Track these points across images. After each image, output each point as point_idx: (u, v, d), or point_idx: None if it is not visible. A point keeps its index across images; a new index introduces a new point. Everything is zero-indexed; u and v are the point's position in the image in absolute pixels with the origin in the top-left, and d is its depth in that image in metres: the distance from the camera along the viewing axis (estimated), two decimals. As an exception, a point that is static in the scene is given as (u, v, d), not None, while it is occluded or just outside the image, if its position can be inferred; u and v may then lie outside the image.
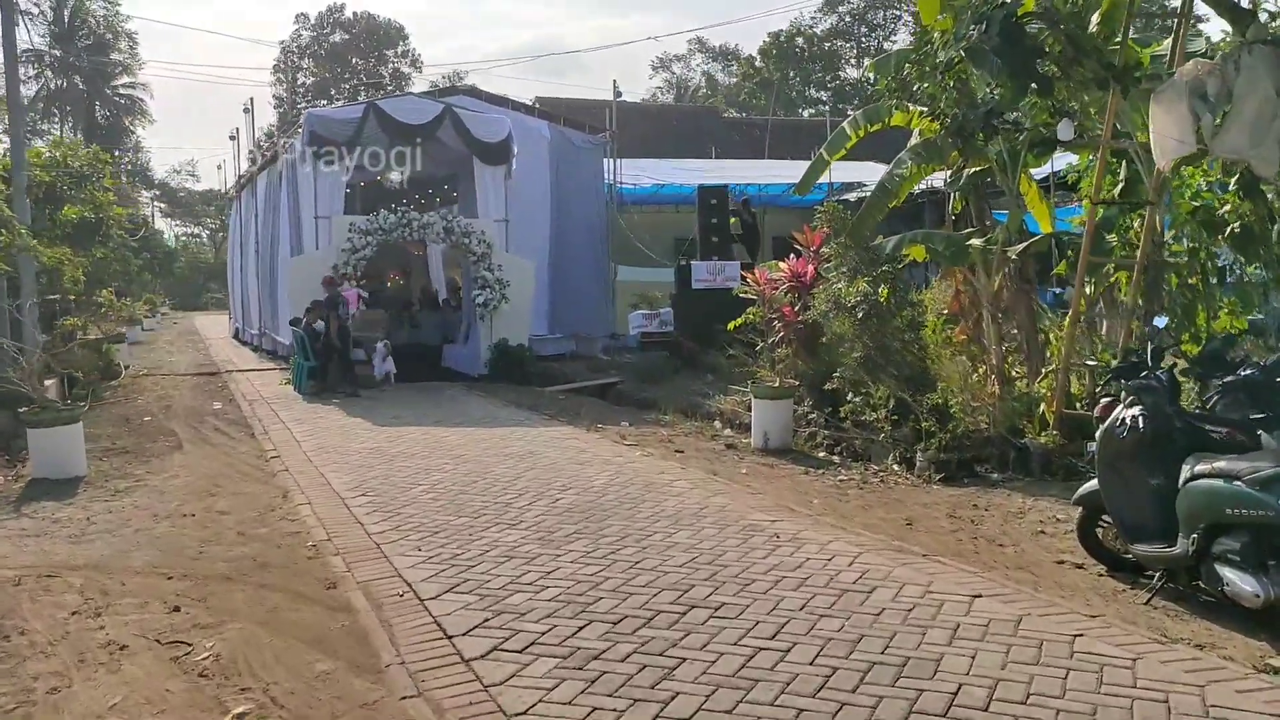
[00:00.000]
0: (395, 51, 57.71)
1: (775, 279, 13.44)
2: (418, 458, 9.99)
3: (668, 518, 7.39)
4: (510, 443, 10.89)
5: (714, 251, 20.09)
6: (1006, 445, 9.71)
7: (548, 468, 9.41)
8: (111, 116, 75.80)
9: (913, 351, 11.13)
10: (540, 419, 12.96)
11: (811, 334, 12.72)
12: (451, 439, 11.16)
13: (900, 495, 8.66)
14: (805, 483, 9.25)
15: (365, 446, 10.71)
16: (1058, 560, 6.51)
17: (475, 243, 18.30)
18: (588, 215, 23.19)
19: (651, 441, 11.43)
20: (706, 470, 9.56)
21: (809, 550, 6.45)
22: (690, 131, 39.19)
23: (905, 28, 75.06)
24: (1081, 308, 11.66)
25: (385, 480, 8.90)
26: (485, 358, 18.39)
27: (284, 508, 8.13)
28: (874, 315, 10.85)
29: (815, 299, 11.61)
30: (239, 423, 13.13)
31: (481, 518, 7.46)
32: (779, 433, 11.04)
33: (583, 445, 10.78)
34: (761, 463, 10.34)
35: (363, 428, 12.13)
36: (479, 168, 19.12)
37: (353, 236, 17.51)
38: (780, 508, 7.80)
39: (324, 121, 17.99)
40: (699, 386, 17.27)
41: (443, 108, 18.81)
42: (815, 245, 13.24)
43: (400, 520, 7.40)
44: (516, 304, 18.57)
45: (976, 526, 7.44)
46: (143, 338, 36.31)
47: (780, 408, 11.07)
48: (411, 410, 13.63)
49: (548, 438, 11.30)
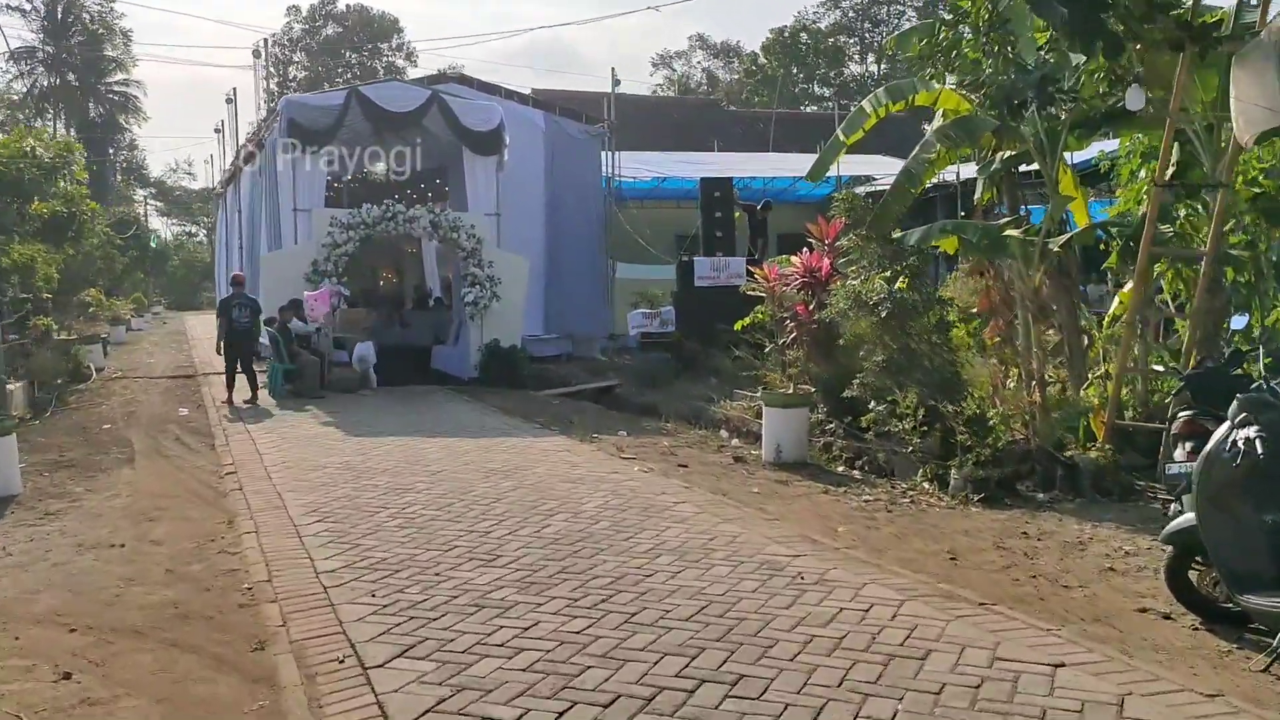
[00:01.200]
0: (389, 45, 56.61)
1: (786, 275, 12.35)
2: (390, 474, 8.90)
3: (670, 552, 6.30)
4: (495, 456, 9.80)
5: (718, 247, 19.00)
6: (1051, 461, 8.63)
7: (535, 486, 8.32)
8: (105, 114, 74.76)
9: (941, 354, 10.04)
10: (531, 428, 11.87)
11: (827, 335, 11.63)
12: (430, 451, 10.07)
13: (936, 520, 7.57)
14: (826, 504, 8.15)
15: (334, 460, 9.62)
16: (1139, 608, 5.42)
17: (464, 238, 17.20)
18: (585, 210, 22.11)
19: (652, 454, 10.34)
20: (713, 489, 8.47)
21: (841, 597, 5.36)
22: (692, 125, 38.09)
23: (909, 23, 74.15)
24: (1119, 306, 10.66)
25: (349, 502, 7.81)
26: (475, 360, 17.31)
27: (227, 537, 7.05)
28: (899, 314, 9.76)
29: (833, 297, 10.52)
30: (202, 432, 12.05)
31: (453, 550, 6.37)
32: (793, 444, 9.96)
33: (576, 459, 9.70)
34: (774, 479, 9.25)
35: (334, 438, 11.04)
36: (469, 158, 18.05)
37: (333, 231, 16.43)
38: (801, 538, 6.71)
39: (303, 109, 16.90)
40: (702, 390, 16.18)
41: (430, 94, 17.74)
42: (830, 238, 12.14)
43: (358, 554, 6.31)
44: (509, 303, 17.49)
45: (1032, 562, 6.35)
46: (127, 338, 35.23)
47: (794, 417, 9.98)
48: (391, 418, 12.54)
49: (537, 450, 10.21)
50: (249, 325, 14.74)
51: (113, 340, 34.30)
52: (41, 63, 72.34)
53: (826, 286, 11.77)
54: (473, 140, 17.84)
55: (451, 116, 17.61)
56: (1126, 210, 10.64)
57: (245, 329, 14.68)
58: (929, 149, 9.20)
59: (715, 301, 17.99)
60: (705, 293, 18.42)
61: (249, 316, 14.83)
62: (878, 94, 10.61)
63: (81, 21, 73.34)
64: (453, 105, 17.68)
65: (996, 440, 8.35)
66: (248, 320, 14.88)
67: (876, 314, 9.87)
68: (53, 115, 74.39)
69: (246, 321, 14.80)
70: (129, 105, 74.96)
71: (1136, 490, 8.36)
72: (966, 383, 9.98)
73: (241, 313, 14.78)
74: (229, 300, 15.15)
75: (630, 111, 32.33)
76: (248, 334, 14.72)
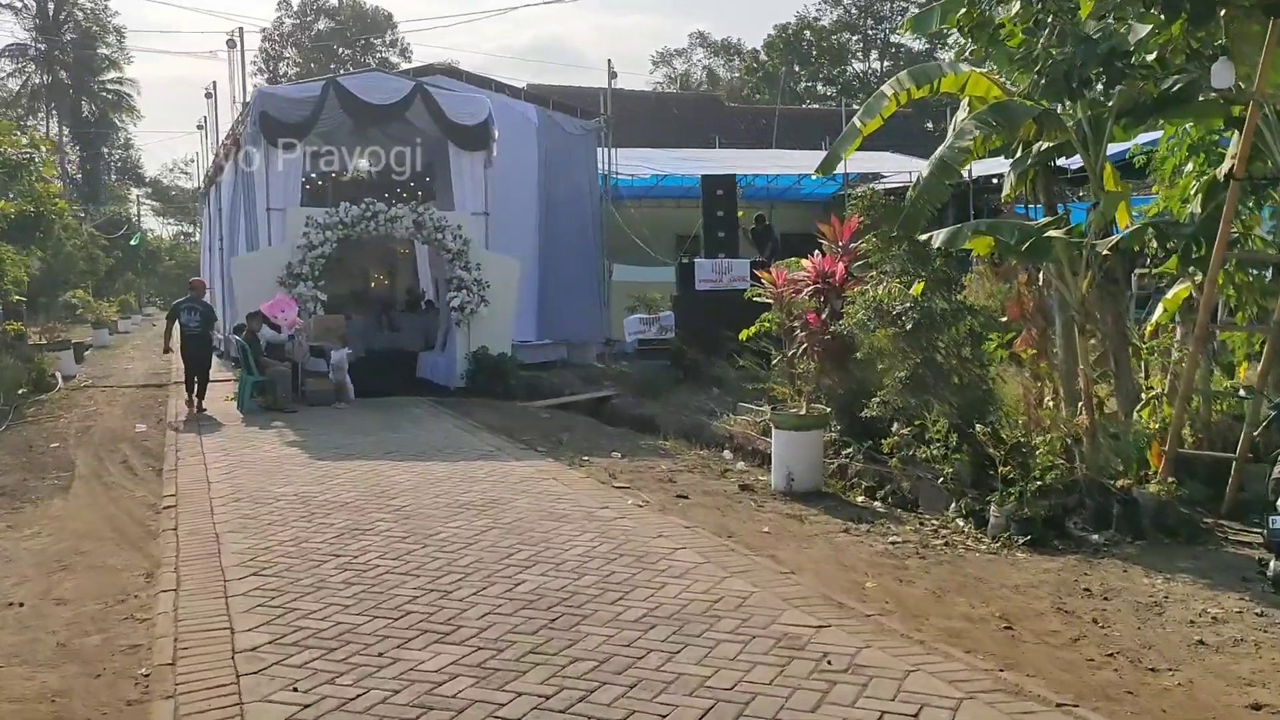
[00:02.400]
0: (383, 40, 55.40)
1: (796, 280, 11.26)
2: (349, 510, 7.81)
3: (667, 621, 5.21)
4: (472, 485, 8.71)
5: (720, 248, 17.90)
6: (1105, 495, 7.54)
7: (512, 527, 7.22)
8: (98, 112, 73.76)
9: (971, 370, 8.95)
10: (515, 448, 10.78)
11: (842, 346, 10.55)
12: (400, 479, 8.98)
13: (978, 569, 6.48)
14: (848, 547, 7.06)
15: (289, 491, 8.53)
16: (1251, 704, 4.33)
17: (450, 238, 16.12)
18: (580, 209, 21.01)
19: (648, 480, 9.25)
20: (717, 528, 7.37)
21: (881, 693, 4.27)
22: (692, 121, 36.98)
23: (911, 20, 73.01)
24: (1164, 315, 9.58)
25: (295, 548, 6.72)
26: (462, 369, 16.22)
27: (142, 596, 5.96)
28: (926, 325, 8.67)
29: (850, 306, 9.42)
30: (154, 453, 10.96)
31: (406, 618, 5.28)
32: (806, 471, 8.87)
33: (562, 488, 8.60)
34: (786, 512, 8.17)
35: (296, 462, 9.94)
36: (455, 154, 16.95)
37: (309, 231, 15.35)
38: (823, 599, 5.62)
39: (276, 101, 15.81)
40: (703, 402, 15.11)
41: (413, 85, 16.65)
42: (844, 239, 11.07)
43: (289, 623, 5.22)
44: (498, 307, 16.40)
45: (1104, 632, 5.25)
46: (111, 341, 34.15)
47: (808, 441, 8.89)
48: (363, 437, 11.44)
49: (520, 476, 9.12)
50: (198, 330, 14.20)
51: (96, 344, 33.34)
52: (33, 60, 71.38)
53: (841, 293, 10.70)
54: (459, 135, 16.75)
55: (436, 109, 16.52)
56: (1165, 209, 9.57)
57: (193, 334, 14.15)
58: (964, 137, 8.10)
59: (717, 306, 16.93)
60: (707, 297, 17.36)
61: (199, 321, 14.25)
62: (899, 78, 9.52)
63: (74, 19, 72.37)
64: (438, 97, 16.59)
65: (1045, 474, 7.25)
66: (197, 325, 14.30)
67: (900, 325, 8.78)
68: (45, 114, 73.46)
69: (196, 326, 14.23)
70: (122, 103, 74.00)
71: (1204, 529, 7.29)
72: (999, 402, 8.91)
73: (191, 316, 14.25)
74: (180, 304, 14.65)
75: (629, 107, 31.24)
76: (195, 340, 14.16)
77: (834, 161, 9.74)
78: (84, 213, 55.76)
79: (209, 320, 14.74)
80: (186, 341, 14.14)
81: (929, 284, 8.85)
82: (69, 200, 61.98)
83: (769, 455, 11.02)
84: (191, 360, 14.20)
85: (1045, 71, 6.97)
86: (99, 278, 40.97)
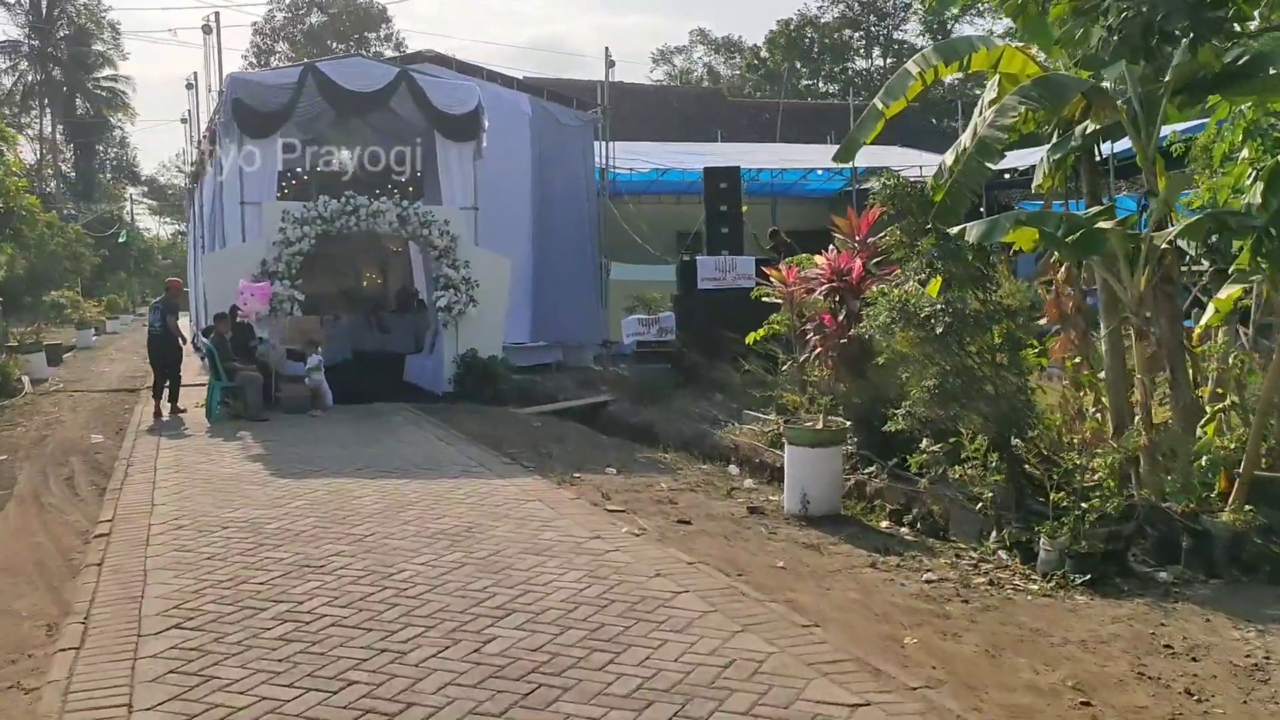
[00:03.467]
0: (377, 35, 54.32)
1: (809, 278, 10.28)
2: (302, 540, 6.83)
3: (666, 697, 4.23)
4: (447, 509, 7.73)
5: (723, 245, 16.90)
6: (1167, 523, 6.58)
7: (487, 563, 6.24)
8: (93, 110, 72.86)
9: (1009, 379, 7.97)
10: (499, 463, 9.79)
11: (860, 351, 9.58)
12: (366, 501, 7.99)
13: (1034, 616, 5.51)
14: (877, 587, 6.08)
15: (240, 516, 7.55)
16: None
17: (436, 234, 15.15)
18: (576, 204, 20.04)
19: (645, 502, 8.28)
20: (725, 562, 6.40)
21: (944, 811, 3.29)
22: (693, 115, 35.96)
23: (915, 16, 72.18)
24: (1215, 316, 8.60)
25: (230, 591, 5.74)
26: (450, 372, 15.24)
27: (39, 654, 4.99)
28: (959, 328, 7.68)
29: (871, 308, 8.42)
30: (103, 468, 9.99)
31: (345, 691, 4.31)
32: (824, 492, 7.88)
33: (548, 513, 7.62)
34: (802, 541, 7.20)
35: (255, 480, 8.96)
36: (442, 145, 15.97)
37: (286, 227, 14.38)
38: (855, 662, 4.63)
39: (250, 87, 14.81)
40: (705, 409, 14.14)
41: (397, 72, 15.68)
42: (862, 233, 10.09)
43: (201, 700, 4.24)
44: (488, 308, 15.42)
45: (1203, 708, 4.28)
46: (96, 342, 33.21)
47: (825, 459, 7.90)
48: (335, 449, 10.47)
49: (502, 498, 8.13)
50: (159, 330, 13.49)
51: (80, 345, 32.36)
52: (26, 57, 70.46)
53: (859, 292, 9.72)
54: (446, 124, 15.77)
55: (423, 98, 15.54)
56: (1208, 200, 8.60)
57: (155, 335, 13.55)
58: (1006, 114, 7.11)
59: (721, 306, 15.93)
60: (710, 296, 16.34)
61: (160, 320, 13.49)
62: (925, 54, 8.54)
63: (68, 14, 71.43)
64: (424, 85, 15.60)
65: (1104, 501, 6.27)
66: (158, 324, 13.57)
67: (928, 328, 7.79)
68: (39, 111, 72.54)
69: (158, 326, 13.53)
70: (116, 101, 73.07)
71: (1286, 562, 6.32)
72: (1039, 415, 7.94)
73: (155, 317, 13.65)
74: (152, 304, 14.28)
75: (628, 101, 30.26)
76: (155, 340, 13.55)
77: (853, 148, 8.74)
78: (75, 211, 54.92)
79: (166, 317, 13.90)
80: (149, 342, 13.68)
81: (961, 282, 7.86)
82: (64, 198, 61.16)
83: (778, 469, 10.07)
84: (156, 362, 13.61)
85: (1119, 26, 5.97)
86: (87, 277, 39.91)
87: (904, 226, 8.35)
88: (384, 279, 27.12)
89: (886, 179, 8.66)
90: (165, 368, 13.48)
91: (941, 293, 8.04)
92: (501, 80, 19.43)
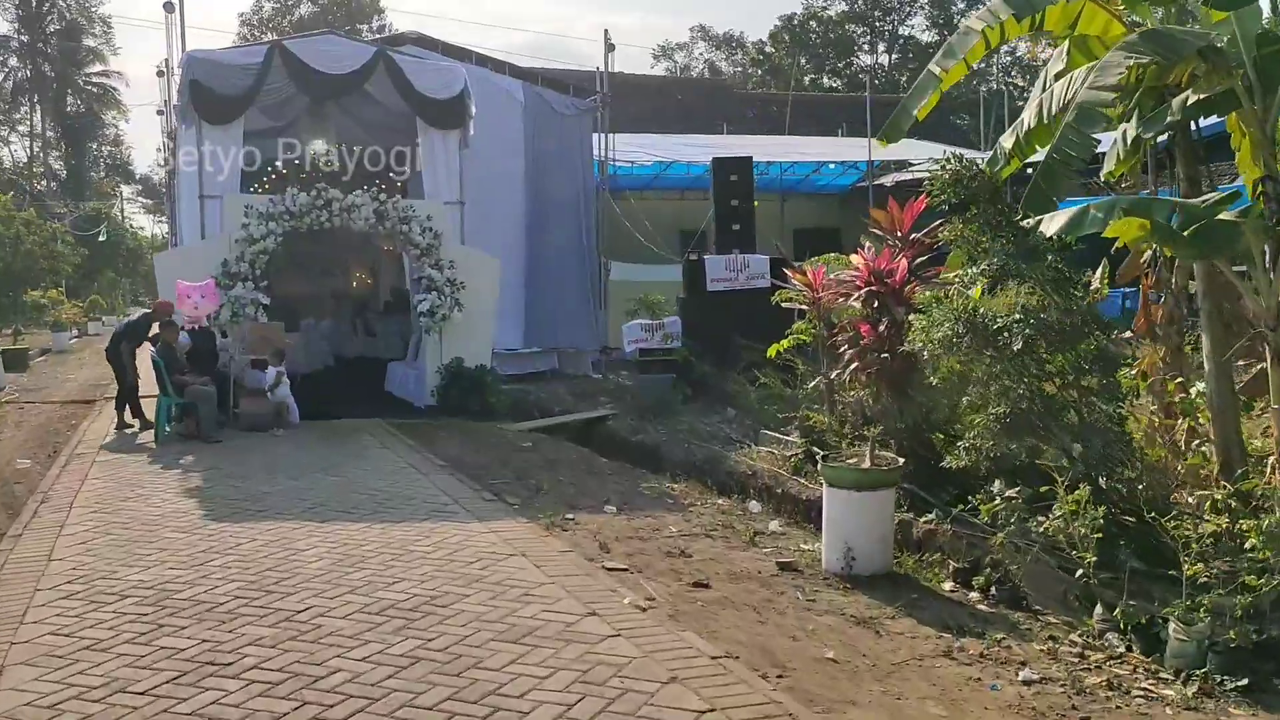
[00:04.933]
0: (369, 27, 52.61)
1: (842, 281, 8.78)
2: (216, 618, 5.34)
3: None
4: (407, 568, 6.24)
5: (734, 243, 15.41)
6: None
7: (446, 659, 4.74)
8: (83, 107, 71.48)
9: (1098, 407, 6.50)
10: (479, 499, 8.29)
11: (905, 367, 8.12)
12: (309, 558, 6.50)
13: (1186, 748, 4.03)
14: (962, 693, 4.60)
15: (147, 579, 6.06)
16: None
17: (417, 231, 13.68)
18: (573, 199, 18.56)
19: (653, 555, 6.79)
20: (757, 654, 4.91)
21: None
22: (697, 107, 34.49)
23: (921, 11, 70.79)
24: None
25: (98, 707, 4.25)
26: (433, 383, 13.77)
27: None
28: (1039, 345, 6.21)
29: (925, 317, 6.94)
30: (15, 504, 8.48)
31: None
32: (873, 547, 6.40)
33: (533, 575, 6.12)
34: (852, 614, 5.72)
35: (183, 524, 7.45)
36: (425, 133, 14.47)
37: (249, 223, 12.90)
38: None
39: (209, 68, 13.30)
40: (716, 425, 12.70)
41: (374, 52, 14.19)
42: (905, 229, 8.60)
43: None
44: (475, 312, 13.95)
45: None
46: (70, 346, 31.65)
47: (875, 505, 6.40)
48: (289, 480, 8.98)
49: (477, 551, 6.64)
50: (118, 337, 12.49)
51: (55, 349, 30.87)
52: (15, 53, 69.06)
53: (903, 298, 8.24)
54: (429, 110, 14.28)
55: (402, 80, 14.04)
56: None
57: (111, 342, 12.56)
58: (1110, 72, 5.64)
59: (731, 310, 14.54)
60: (719, 299, 14.90)
61: (114, 346, 12.40)
62: (993, 7, 7.06)
63: (58, 9, 70.03)
64: (404, 66, 14.11)
65: (1262, 576, 4.79)
66: (120, 331, 12.59)
67: (1001, 344, 6.32)
68: (28, 108, 71.16)
69: (118, 332, 12.59)
70: (108, 97, 71.68)
71: None
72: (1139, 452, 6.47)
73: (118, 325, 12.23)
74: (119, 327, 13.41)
75: (628, 94, 28.76)
76: (108, 350, 12.57)
77: (903, 122, 7.27)
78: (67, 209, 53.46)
79: (126, 326, 12.63)
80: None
81: (1040, 288, 6.38)
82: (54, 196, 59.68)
83: (805, 502, 8.65)
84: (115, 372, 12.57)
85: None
86: (71, 276, 38.41)
87: (968, 219, 6.87)
88: (374, 279, 25.59)
89: (945, 161, 7.16)
90: (117, 378, 12.41)
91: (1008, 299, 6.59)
92: (492, 65, 17.94)
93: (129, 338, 12.46)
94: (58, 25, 70.94)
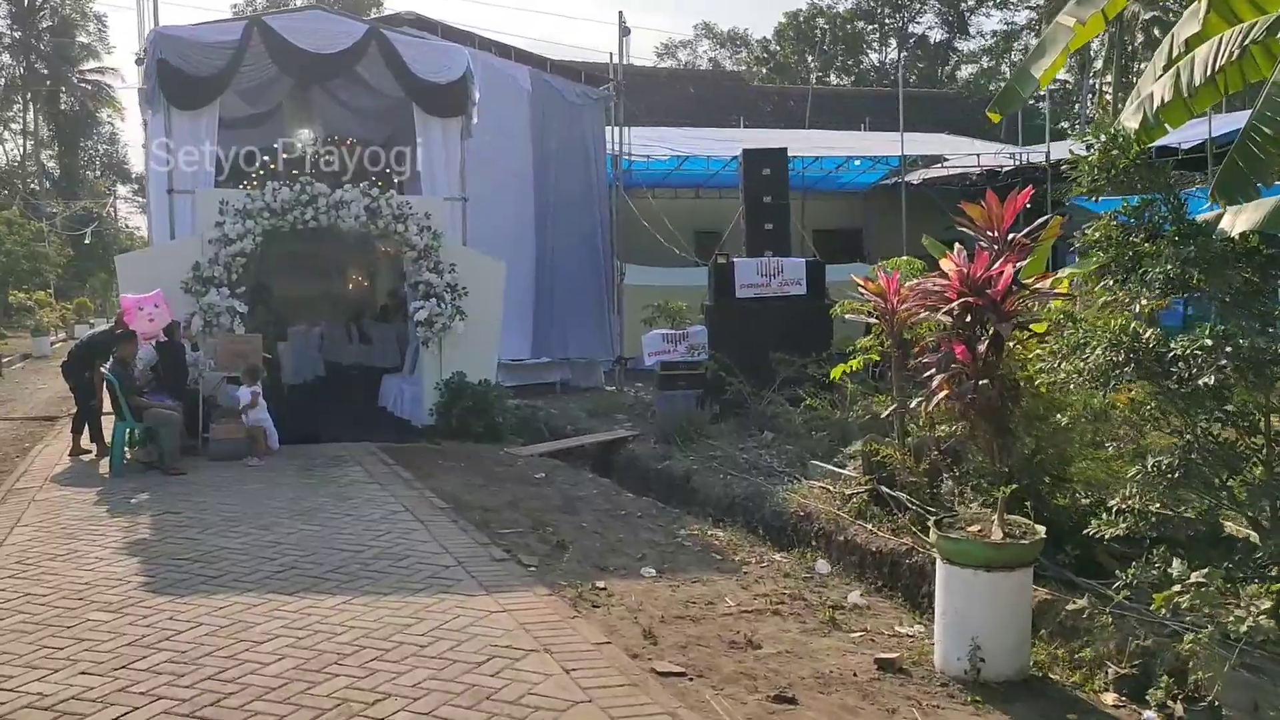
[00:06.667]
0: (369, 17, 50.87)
1: (929, 291, 7.22)
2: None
3: None
4: (395, 674, 4.71)
5: (767, 244, 13.86)
6: None
7: None
8: (78, 104, 70.01)
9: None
10: (485, 559, 6.74)
11: (1013, 397, 6.58)
12: (266, 655, 4.97)
13: None
14: None
15: (45, 693, 4.52)
16: None
17: (414, 230, 12.18)
18: (585, 196, 17.09)
19: (714, 648, 5.26)
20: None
21: None
22: (711, 101, 32.94)
23: (931, 9, 69.34)
24: None
25: None
26: (432, 400, 12.27)
27: None
28: (1236, 382, 4.68)
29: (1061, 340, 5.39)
30: (-82, 563, 6.96)
31: None
32: (1009, 643, 4.86)
33: (560, 690, 4.57)
34: (995, 748, 4.19)
35: (112, 599, 5.90)
36: (423, 121, 12.93)
37: (224, 221, 11.40)
38: None
39: (180, 46, 11.77)
40: (755, 452, 11.12)
41: (365, 30, 12.67)
42: (1004, 227, 7.04)
43: None
44: (478, 321, 12.46)
45: None
46: (51, 351, 30.10)
47: (1010, 591, 4.85)
48: (255, 528, 7.44)
49: (484, 643, 5.11)
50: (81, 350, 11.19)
51: (35, 354, 29.39)
52: (9, 49, 67.57)
53: (1006, 313, 6.69)
54: (427, 96, 12.76)
55: (398, 62, 12.52)
56: None
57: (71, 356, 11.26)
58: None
59: (765, 320, 12.96)
60: (750, 307, 13.33)
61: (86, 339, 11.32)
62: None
63: (51, 5, 68.58)
64: (399, 46, 12.58)
65: None
66: (84, 343, 11.30)
67: (1181, 377, 4.78)
68: (21, 106, 69.73)
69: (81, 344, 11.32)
70: (103, 95, 70.22)
71: None
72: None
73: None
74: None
75: (639, 85, 27.20)
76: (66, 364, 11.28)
77: (1024, 87, 5.76)
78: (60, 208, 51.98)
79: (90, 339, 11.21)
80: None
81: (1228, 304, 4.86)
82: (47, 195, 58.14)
83: (874, 554, 7.15)
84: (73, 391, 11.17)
85: None
86: (59, 276, 36.90)
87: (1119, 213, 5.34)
88: (370, 281, 23.98)
89: (1091, 137, 5.60)
90: (76, 398, 10.95)
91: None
92: (497, 49, 16.43)
93: (100, 353, 10.83)
94: (50, 21, 69.52)
